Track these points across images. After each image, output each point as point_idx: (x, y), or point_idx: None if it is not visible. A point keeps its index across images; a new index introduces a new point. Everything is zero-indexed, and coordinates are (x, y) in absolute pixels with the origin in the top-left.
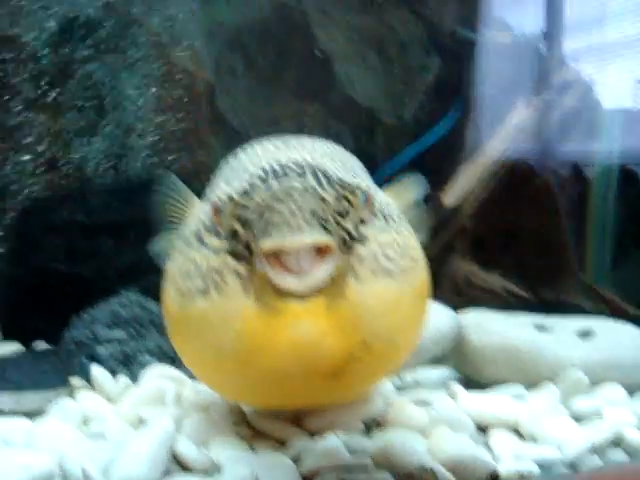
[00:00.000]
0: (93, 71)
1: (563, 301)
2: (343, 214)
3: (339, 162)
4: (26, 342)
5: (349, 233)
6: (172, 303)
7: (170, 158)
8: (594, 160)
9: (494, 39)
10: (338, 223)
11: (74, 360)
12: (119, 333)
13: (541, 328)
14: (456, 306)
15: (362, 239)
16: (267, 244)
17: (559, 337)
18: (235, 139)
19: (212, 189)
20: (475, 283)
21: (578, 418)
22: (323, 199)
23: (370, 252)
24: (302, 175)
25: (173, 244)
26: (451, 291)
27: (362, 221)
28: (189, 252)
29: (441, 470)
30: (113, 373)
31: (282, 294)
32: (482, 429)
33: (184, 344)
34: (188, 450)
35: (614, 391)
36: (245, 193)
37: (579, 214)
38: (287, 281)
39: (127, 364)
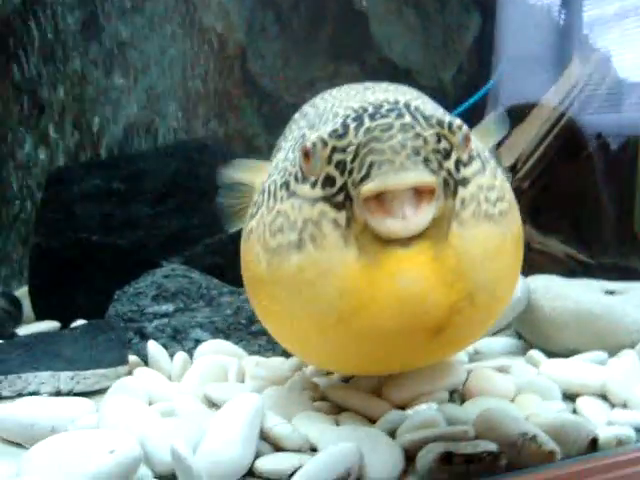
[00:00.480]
0: (118, 32)
1: (624, 266)
2: (444, 154)
3: (429, 103)
4: (64, 320)
5: (451, 174)
6: (258, 262)
7: (200, 122)
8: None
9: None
10: (440, 163)
11: (122, 336)
12: (166, 307)
13: (611, 293)
14: None
15: (463, 181)
16: (369, 186)
17: (634, 301)
18: (267, 102)
19: (290, 140)
20: (534, 247)
21: None
22: (423, 137)
23: (471, 195)
24: (398, 113)
25: (250, 201)
26: None
27: (462, 162)
28: (277, 205)
29: (544, 437)
30: (164, 349)
31: (384, 243)
32: (568, 397)
33: (273, 306)
34: (279, 427)
35: None
36: (339, 134)
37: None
38: (390, 225)
39: (178, 339)
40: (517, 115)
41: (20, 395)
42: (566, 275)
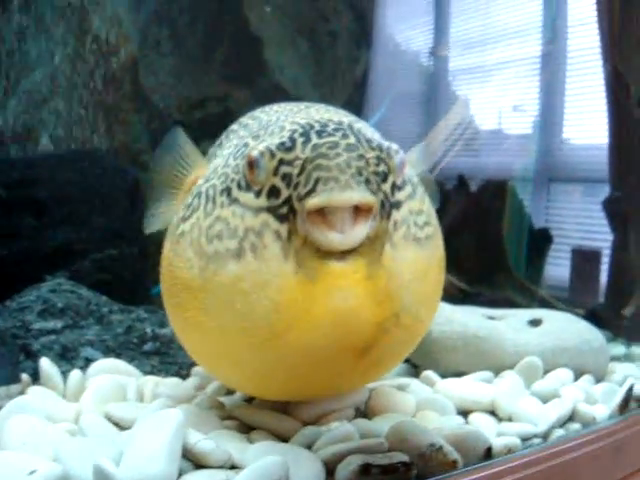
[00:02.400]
0: (4, 34)
1: (499, 296)
2: (382, 177)
3: (367, 127)
4: None
5: (387, 197)
6: (190, 268)
7: (86, 132)
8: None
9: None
10: (378, 185)
11: (13, 352)
12: (54, 323)
13: (491, 319)
14: None
15: (397, 204)
16: (315, 201)
17: (513, 326)
18: (157, 119)
19: (228, 147)
20: None
21: (540, 398)
22: (366, 159)
23: (403, 218)
24: (344, 133)
25: (182, 205)
26: None
27: (397, 186)
28: (215, 210)
29: (448, 447)
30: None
31: (322, 258)
32: (461, 413)
33: (201, 317)
34: (203, 444)
35: (564, 374)
36: (286, 147)
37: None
38: (330, 237)
39: (68, 358)
40: None
41: None
42: (450, 302)
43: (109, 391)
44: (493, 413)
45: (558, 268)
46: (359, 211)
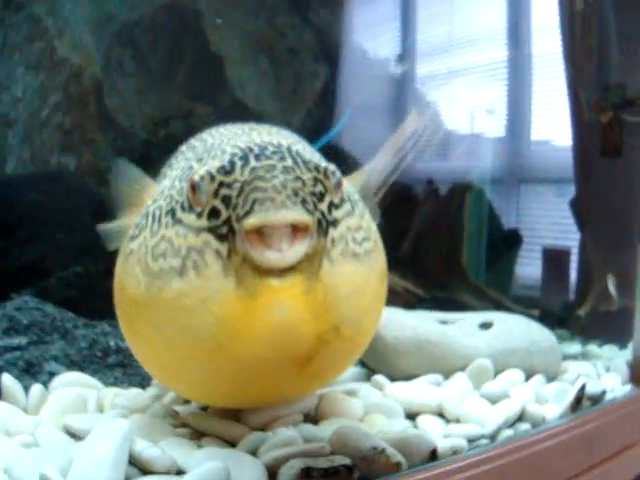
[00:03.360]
0: None
1: (454, 299)
2: (318, 197)
3: (307, 148)
4: None
5: (324, 215)
6: (137, 285)
7: (52, 154)
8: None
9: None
10: (315, 205)
11: None
12: (19, 340)
13: (444, 323)
14: None
15: (334, 222)
16: (251, 220)
17: (464, 330)
18: (122, 137)
19: (176, 169)
20: None
21: (490, 400)
22: (302, 180)
23: (341, 235)
24: (281, 156)
25: (133, 224)
26: None
27: (334, 205)
28: (160, 230)
29: (391, 450)
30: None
31: (261, 275)
32: (410, 416)
33: (149, 331)
34: (148, 450)
35: (514, 375)
36: (225, 171)
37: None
38: (268, 256)
39: (32, 373)
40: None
41: None
42: (404, 307)
43: (69, 403)
44: (441, 415)
45: (530, 268)
46: (296, 230)
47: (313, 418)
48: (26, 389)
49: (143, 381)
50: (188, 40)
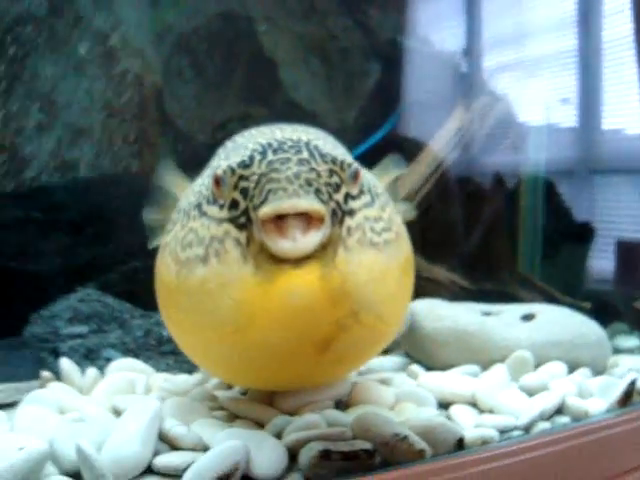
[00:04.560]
0: (40, 71)
1: (502, 291)
2: (334, 187)
3: (329, 144)
4: None
5: (339, 205)
6: (169, 273)
7: (118, 158)
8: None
9: (423, 50)
10: (330, 195)
11: (36, 355)
12: (80, 328)
13: (487, 314)
14: None
15: (350, 212)
16: (265, 209)
17: (505, 321)
18: (183, 142)
19: (210, 167)
20: (422, 275)
21: (528, 392)
22: (317, 172)
23: (357, 224)
24: (298, 149)
25: (169, 219)
26: None
27: (351, 196)
28: (189, 223)
29: (414, 437)
30: (77, 367)
31: (278, 262)
32: (443, 405)
33: (179, 315)
34: (176, 428)
35: (556, 367)
36: (244, 165)
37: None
38: (282, 245)
39: (91, 358)
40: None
41: None
42: (450, 299)
43: (119, 386)
44: (475, 406)
45: (604, 261)
46: (311, 220)
47: (345, 405)
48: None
49: (192, 368)
50: (242, 46)
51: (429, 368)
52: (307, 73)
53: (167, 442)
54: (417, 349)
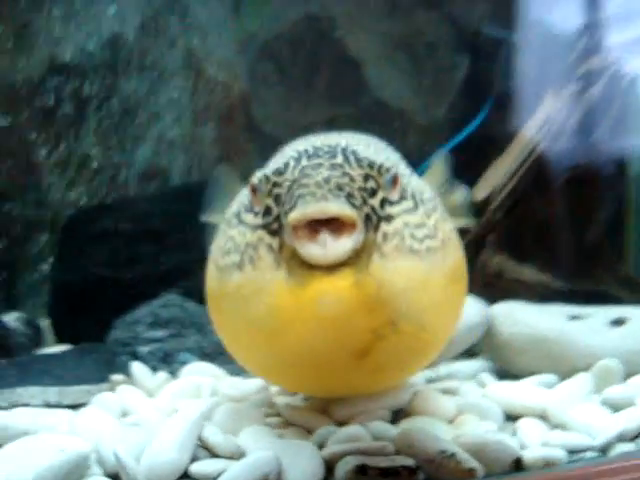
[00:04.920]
0: (131, 88)
1: (601, 292)
2: (369, 192)
3: (374, 149)
4: (76, 344)
5: (374, 210)
6: (212, 279)
7: (208, 166)
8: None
9: (525, 36)
10: (364, 200)
11: (116, 359)
12: (160, 333)
13: (574, 318)
14: (489, 300)
15: (387, 217)
16: (292, 214)
17: (591, 326)
18: (271, 146)
19: None
20: (507, 276)
21: (611, 406)
22: (350, 176)
23: (395, 230)
24: (332, 155)
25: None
26: (482, 285)
27: (389, 201)
28: (229, 231)
29: (463, 455)
30: (154, 370)
31: (310, 267)
32: (511, 418)
33: (221, 319)
34: (214, 436)
35: None
36: (279, 172)
37: (617, 207)
38: (312, 250)
39: (167, 362)
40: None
41: (15, 406)
42: (539, 301)
43: (186, 390)
44: (546, 420)
45: None
46: (344, 226)
47: (404, 414)
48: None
49: None
50: (326, 47)
51: (507, 375)
52: (393, 71)
53: (207, 449)
54: (495, 355)
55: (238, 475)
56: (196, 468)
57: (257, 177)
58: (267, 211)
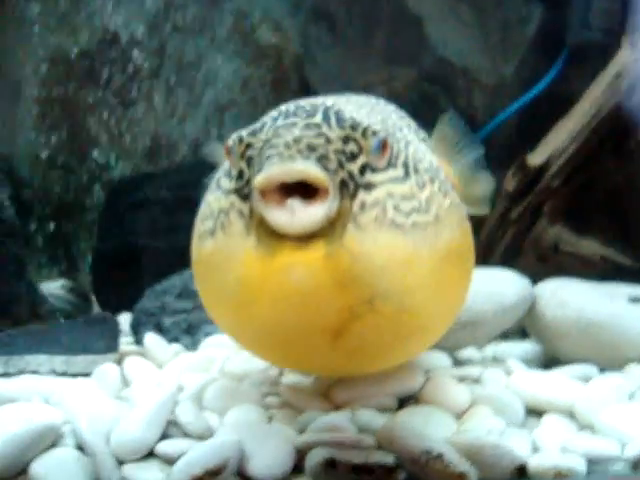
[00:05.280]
0: (183, 53)
1: None
2: (348, 156)
3: (372, 112)
4: (115, 313)
5: (352, 176)
6: (193, 246)
7: None
8: None
9: None
10: (340, 163)
11: (140, 328)
12: (186, 304)
13: (636, 301)
14: (542, 276)
15: (367, 185)
16: (258, 177)
17: None
18: None
19: None
20: (564, 249)
21: None
22: (327, 137)
23: (375, 200)
24: (311, 114)
25: None
26: (536, 259)
27: (371, 167)
28: (208, 196)
29: (453, 456)
30: (176, 341)
31: (280, 236)
32: (535, 413)
33: (200, 287)
34: (184, 415)
35: None
36: (253, 132)
37: None
38: (278, 218)
39: (191, 333)
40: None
41: (22, 373)
42: (600, 279)
43: (195, 364)
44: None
45: None
46: (317, 194)
47: (414, 402)
48: (186, 347)
49: None
50: (383, 3)
51: (554, 362)
52: (457, 26)
53: (179, 428)
54: (540, 338)
55: (197, 458)
56: (162, 447)
57: (232, 138)
58: (240, 175)
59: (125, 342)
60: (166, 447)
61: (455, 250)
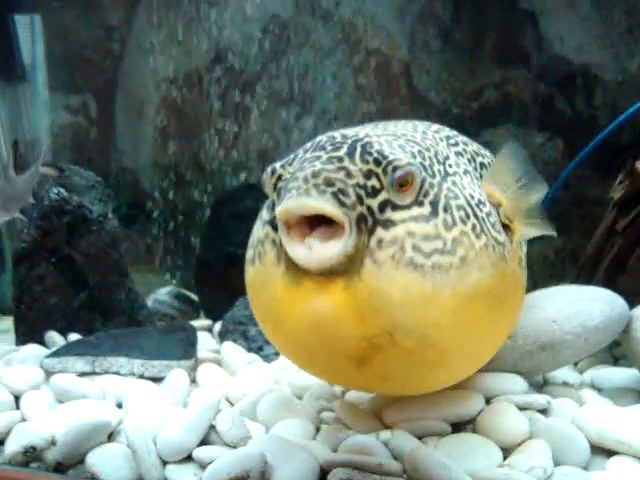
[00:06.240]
0: (292, 66)
1: None
2: (370, 191)
3: (409, 143)
4: (216, 320)
5: (371, 212)
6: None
7: None
8: None
9: None
10: (360, 199)
11: (227, 336)
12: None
13: None
14: None
15: (385, 223)
16: (277, 209)
17: None
18: (436, 115)
19: None
20: None
21: None
22: (347, 171)
23: (393, 238)
24: (338, 146)
25: None
26: None
27: (392, 204)
28: (254, 226)
29: None
30: (260, 350)
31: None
32: (604, 451)
33: (251, 305)
34: (222, 423)
35: None
36: (284, 164)
37: None
38: (298, 253)
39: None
40: None
41: (106, 372)
42: None
43: (264, 374)
44: None
45: None
46: (334, 228)
47: (472, 428)
48: (268, 356)
49: None
50: (493, 2)
51: None
52: (574, 19)
53: (219, 435)
54: (635, 364)
55: (222, 466)
56: (198, 452)
57: (266, 170)
58: (273, 205)
59: (211, 349)
60: (201, 453)
61: (485, 291)
